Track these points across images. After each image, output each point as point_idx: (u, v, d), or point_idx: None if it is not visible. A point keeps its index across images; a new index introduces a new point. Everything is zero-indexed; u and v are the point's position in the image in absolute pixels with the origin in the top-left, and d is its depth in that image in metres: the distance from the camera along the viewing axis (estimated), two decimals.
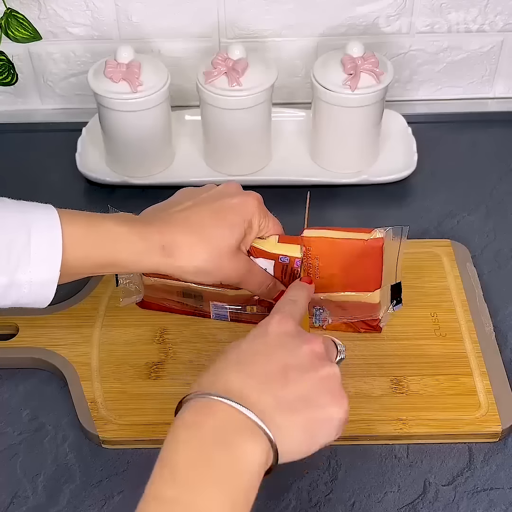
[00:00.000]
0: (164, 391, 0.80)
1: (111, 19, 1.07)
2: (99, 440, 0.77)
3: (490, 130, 1.11)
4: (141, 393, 0.80)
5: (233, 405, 0.57)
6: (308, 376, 0.61)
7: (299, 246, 0.77)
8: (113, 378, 0.81)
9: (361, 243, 0.76)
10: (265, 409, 0.58)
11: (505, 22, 1.08)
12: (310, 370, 0.61)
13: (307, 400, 0.60)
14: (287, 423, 0.59)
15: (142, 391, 0.80)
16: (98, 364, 0.82)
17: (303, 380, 0.61)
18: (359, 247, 0.76)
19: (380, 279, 0.78)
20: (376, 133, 1.03)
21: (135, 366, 0.82)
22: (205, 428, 0.57)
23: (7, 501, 0.73)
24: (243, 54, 0.97)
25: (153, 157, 1.03)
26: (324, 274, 0.78)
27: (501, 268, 0.93)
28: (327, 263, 0.77)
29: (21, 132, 1.12)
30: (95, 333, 0.84)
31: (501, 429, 0.76)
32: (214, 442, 0.56)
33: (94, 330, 0.85)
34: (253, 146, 1.02)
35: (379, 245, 0.76)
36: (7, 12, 0.95)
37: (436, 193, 1.02)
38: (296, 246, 0.77)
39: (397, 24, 1.08)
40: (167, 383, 0.80)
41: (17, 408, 0.80)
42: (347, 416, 0.62)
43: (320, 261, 0.77)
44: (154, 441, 0.76)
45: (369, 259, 0.77)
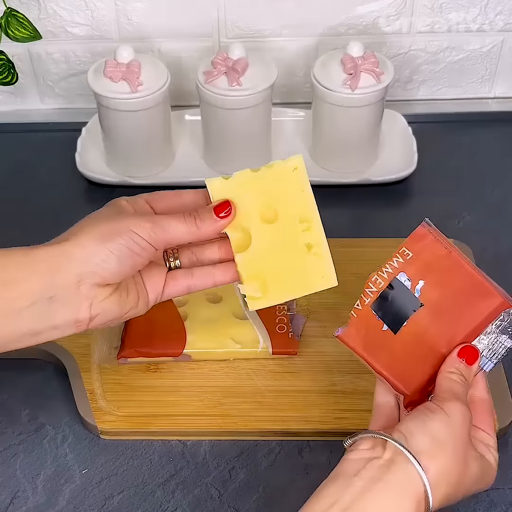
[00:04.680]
0: (163, 383, 0.80)
1: (111, 19, 1.07)
2: (98, 430, 0.77)
3: (490, 130, 1.11)
4: (140, 385, 0.80)
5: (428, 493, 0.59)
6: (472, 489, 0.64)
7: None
8: (112, 370, 0.81)
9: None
10: (441, 500, 0.60)
11: (505, 22, 1.08)
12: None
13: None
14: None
15: (141, 383, 0.80)
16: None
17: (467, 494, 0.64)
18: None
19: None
20: (376, 133, 1.03)
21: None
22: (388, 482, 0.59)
23: (7, 501, 0.73)
24: (243, 54, 0.97)
25: (153, 157, 1.03)
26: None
27: (501, 268, 0.93)
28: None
29: (21, 132, 1.12)
30: None
31: (498, 428, 0.76)
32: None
33: None
34: (253, 146, 1.02)
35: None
36: (7, 12, 0.95)
37: (436, 193, 1.02)
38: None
39: (397, 24, 1.08)
40: (166, 375, 0.81)
41: (17, 408, 0.80)
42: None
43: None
44: (152, 433, 0.78)
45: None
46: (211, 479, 0.75)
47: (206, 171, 1.04)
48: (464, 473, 0.61)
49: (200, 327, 0.83)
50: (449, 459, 0.60)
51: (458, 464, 0.60)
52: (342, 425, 0.77)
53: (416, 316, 0.67)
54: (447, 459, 0.60)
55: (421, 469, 0.58)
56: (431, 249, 0.68)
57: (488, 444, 0.65)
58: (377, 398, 0.69)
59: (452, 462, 0.60)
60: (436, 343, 0.66)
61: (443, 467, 0.59)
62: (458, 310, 0.67)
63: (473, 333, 0.67)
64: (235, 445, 0.77)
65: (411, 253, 0.68)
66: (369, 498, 0.58)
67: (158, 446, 0.77)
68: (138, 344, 0.82)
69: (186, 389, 0.80)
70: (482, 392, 0.67)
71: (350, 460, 0.60)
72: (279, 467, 0.76)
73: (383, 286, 0.67)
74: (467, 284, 0.67)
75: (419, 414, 0.62)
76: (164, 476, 0.75)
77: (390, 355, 0.67)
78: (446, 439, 0.60)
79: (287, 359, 0.82)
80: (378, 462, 0.59)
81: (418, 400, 0.64)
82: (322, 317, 0.86)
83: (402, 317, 0.67)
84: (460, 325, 0.66)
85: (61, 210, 0.98)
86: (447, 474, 0.60)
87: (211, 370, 0.82)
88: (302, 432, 0.77)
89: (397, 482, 0.58)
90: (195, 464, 0.76)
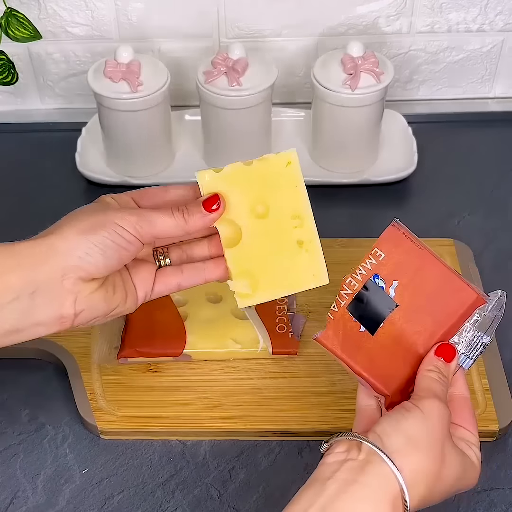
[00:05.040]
0: (163, 383, 0.81)
1: (111, 19, 1.07)
2: (98, 430, 0.77)
3: (490, 130, 1.11)
4: (140, 385, 0.80)
5: (404, 491, 0.58)
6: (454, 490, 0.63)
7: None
8: (112, 370, 0.81)
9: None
10: (420, 500, 0.59)
11: (505, 22, 1.08)
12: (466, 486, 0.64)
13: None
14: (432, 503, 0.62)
15: (141, 383, 0.81)
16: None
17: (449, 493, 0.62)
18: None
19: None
20: (376, 133, 1.03)
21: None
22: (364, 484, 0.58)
23: (7, 501, 0.73)
24: (243, 54, 0.97)
25: (153, 157, 1.03)
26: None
27: (501, 268, 0.93)
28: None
29: (21, 132, 1.12)
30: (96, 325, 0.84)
31: (498, 428, 0.76)
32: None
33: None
34: (253, 146, 1.02)
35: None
36: (7, 12, 0.95)
37: (436, 193, 1.02)
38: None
39: (397, 24, 1.08)
40: (166, 375, 0.81)
41: (17, 408, 0.80)
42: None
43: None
44: (152, 433, 0.78)
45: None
46: (211, 479, 0.75)
47: None
48: (441, 471, 0.60)
49: (200, 327, 0.83)
50: (425, 456, 0.59)
51: (434, 462, 0.59)
52: (342, 425, 0.76)
53: (392, 317, 0.66)
54: (422, 457, 0.59)
55: (396, 468, 0.58)
56: (403, 248, 0.67)
57: (469, 441, 0.64)
58: (359, 401, 0.68)
59: (428, 459, 0.59)
60: (414, 343, 0.66)
61: (418, 465, 0.59)
62: (434, 308, 0.66)
63: (450, 331, 0.66)
64: (235, 445, 0.77)
65: (383, 254, 0.67)
66: (344, 499, 0.57)
67: (158, 446, 0.77)
68: (138, 344, 0.82)
69: (186, 389, 0.80)
70: (461, 389, 0.66)
71: (326, 464, 0.60)
72: (279, 467, 0.76)
73: (357, 288, 0.67)
74: (441, 282, 0.66)
75: (394, 414, 0.61)
76: (164, 476, 0.75)
77: (369, 356, 0.66)
78: (421, 436, 0.59)
79: (287, 359, 0.82)
80: (353, 464, 0.58)
81: (399, 401, 0.64)
82: (322, 317, 0.85)
83: (378, 318, 0.67)
84: (437, 324, 0.66)
85: (61, 210, 0.97)
86: (424, 472, 0.59)
87: (211, 370, 0.82)
88: (302, 432, 0.77)
89: (372, 482, 0.58)
90: (195, 464, 0.76)
